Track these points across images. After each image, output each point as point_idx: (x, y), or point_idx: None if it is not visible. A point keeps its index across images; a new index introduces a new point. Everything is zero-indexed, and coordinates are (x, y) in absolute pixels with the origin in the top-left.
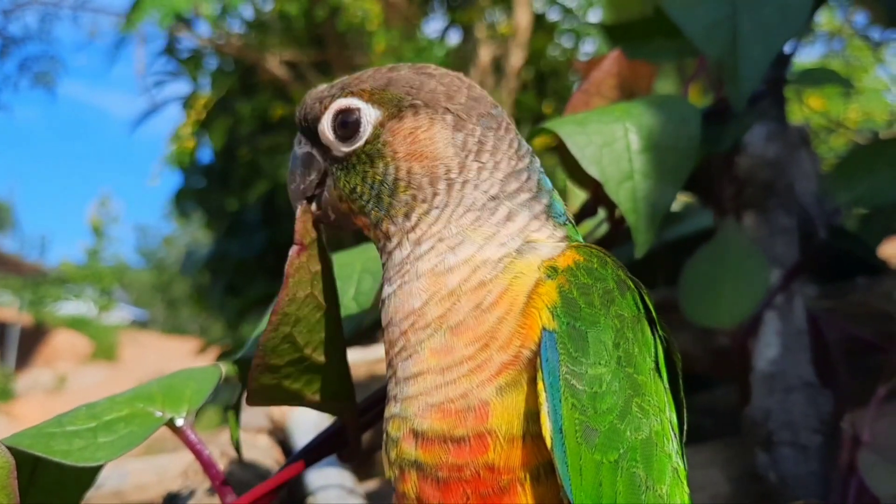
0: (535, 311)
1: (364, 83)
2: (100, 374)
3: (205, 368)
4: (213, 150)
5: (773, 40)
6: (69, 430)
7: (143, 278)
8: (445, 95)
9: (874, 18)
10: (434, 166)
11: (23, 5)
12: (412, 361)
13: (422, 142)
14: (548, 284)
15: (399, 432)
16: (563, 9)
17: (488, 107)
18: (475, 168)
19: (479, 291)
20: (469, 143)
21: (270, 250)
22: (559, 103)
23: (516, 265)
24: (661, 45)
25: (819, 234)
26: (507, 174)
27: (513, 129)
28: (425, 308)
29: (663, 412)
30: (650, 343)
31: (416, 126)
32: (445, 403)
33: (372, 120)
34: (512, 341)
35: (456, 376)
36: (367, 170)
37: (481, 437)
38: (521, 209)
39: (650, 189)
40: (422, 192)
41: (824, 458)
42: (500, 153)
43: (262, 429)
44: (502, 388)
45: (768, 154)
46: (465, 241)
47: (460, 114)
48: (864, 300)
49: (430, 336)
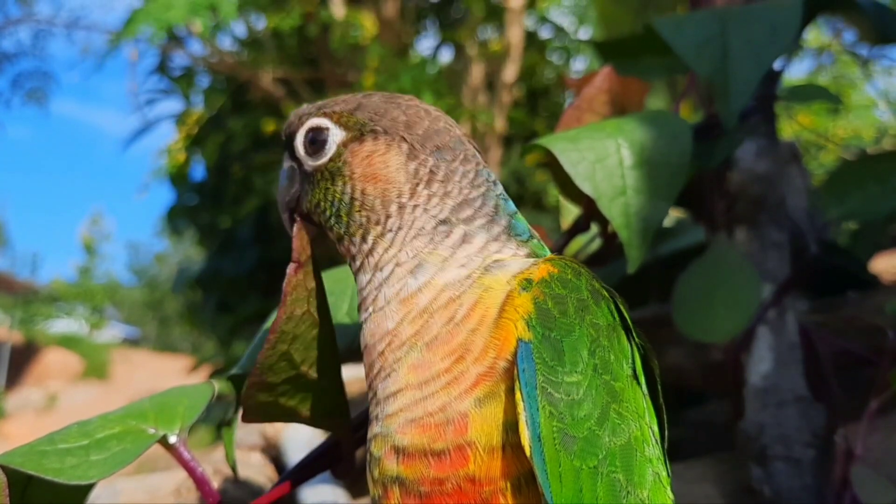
0: (510, 322)
1: (337, 105)
2: (91, 392)
3: (197, 386)
4: (206, 167)
5: (762, 57)
6: (61, 447)
7: (135, 296)
8: (405, 125)
9: (862, 35)
10: (386, 189)
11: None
12: (391, 380)
13: (376, 165)
14: (523, 296)
15: (381, 450)
16: (554, 27)
17: (447, 139)
18: (425, 195)
19: (450, 307)
20: (421, 172)
21: (262, 267)
22: (551, 120)
23: (483, 280)
24: (651, 62)
25: (810, 248)
26: (459, 203)
27: (473, 161)
28: (399, 328)
29: (642, 418)
30: (627, 351)
31: (373, 150)
32: (424, 418)
33: (337, 140)
34: (487, 352)
35: (433, 390)
36: (328, 186)
37: (461, 450)
38: (477, 231)
39: (642, 205)
40: (374, 213)
41: (818, 472)
42: (451, 183)
43: (255, 446)
44: (480, 399)
45: (759, 169)
46: (423, 263)
47: (415, 144)
48: (855, 314)
49: (407, 353)
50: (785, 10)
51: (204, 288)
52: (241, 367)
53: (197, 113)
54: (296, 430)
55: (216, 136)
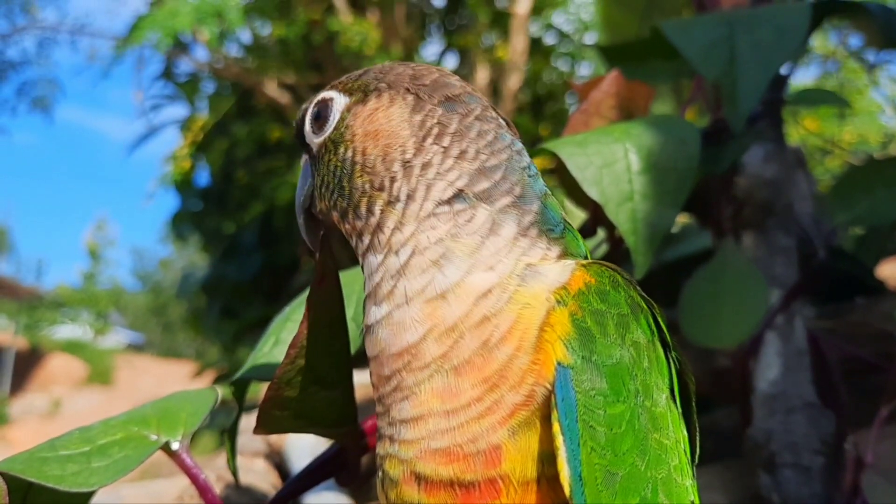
0: (549, 344)
1: (345, 78)
2: (95, 398)
3: (201, 391)
4: (211, 173)
5: (770, 61)
6: (62, 454)
7: (140, 302)
8: (411, 77)
9: (869, 41)
10: (388, 146)
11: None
12: (409, 403)
13: (378, 121)
14: (559, 312)
15: (398, 473)
16: (559, 33)
17: (460, 92)
18: (434, 151)
19: (484, 327)
20: (428, 123)
21: (267, 273)
22: (556, 126)
23: (521, 296)
24: (658, 66)
25: (818, 254)
26: (476, 169)
27: (492, 121)
28: (422, 345)
29: (679, 443)
30: (664, 368)
31: (376, 107)
32: (452, 448)
33: (340, 107)
34: (525, 380)
35: (463, 420)
36: (331, 158)
37: (493, 483)
38: (504, 219)
39: (650, 210)
40: (377, 175)
41: (827, 480)
42: (465, 140)
43: (258, 453)
44: (515, 429)
45: (766, 174)
46: (449, 254)
47: (421, 94)
48: (863, 320)
49: (430, 377)
50: (793, 13)
51: (208, 293)
52: (244, 373)
53: (202, 119)
54: (299, 436)
55: (221, 142)
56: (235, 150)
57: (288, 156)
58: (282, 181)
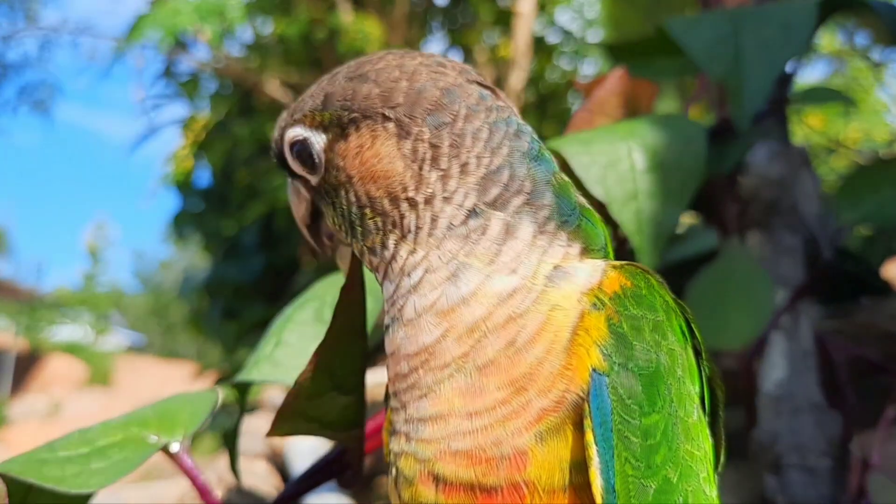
0: (583, 348)
1: (305, 105)
2: (95, 399)
3: (201, 393)
4: (212, 174)
5: (776, 58)
6: (62, 455)
7: (140, 303)
8: (381, 98)
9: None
10: (389, 185)
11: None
12: (428, 401)
13: (368, 162)
14: (595, 317)
15: (414, 473)
16: (562, 31)
17: (437, 95)
18: (435, 178)
19: (509, 327)
20: (420, 150)
21: (268, 274)
22: (559, 125)
23: (550, 296)
24: (663, 64)
25: (824, 254)
26: (482, 178)
27: (480, 111)
28: (439, 345)
29: (707, 454)
30: (696, 376)
31: (360, 145)
32: (475, 450)
33: (319, 148)
34: (555, 384)
35: (487, 422)
36: (334, 200)
37: (516, 488)
38: (520, 220)
39: (655, 209)
40: (387, 217)
41: (833, 482)
42: (463, 152)
43: (260, 454)
44: (542, 435)
45: (772, 173)
46: (463, 268)
47: (401, 117)
48: (870, 321)
49: (451, 376)
50: (799, 10)
51: (209, 294)
52: (245, 373)
53: (203, 119)
54: (301, 438)
55: (222, 141)
56: (236, 150)
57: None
58: (283, 181)
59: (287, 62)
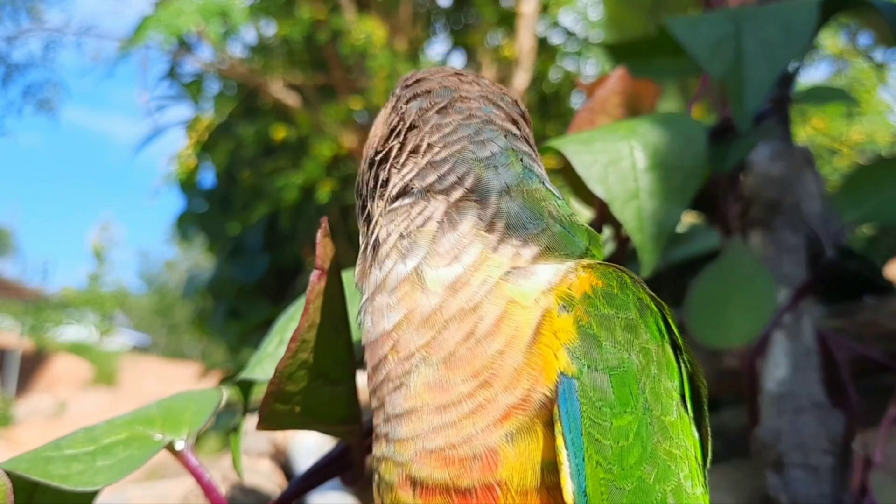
0: (549, 349)
1: None
2: (100, 399)
3: (206, 391)
4: (216, 174)
5: (777, 58)
6: (67, 453)
7: (145, 303)
8: (400, 83)
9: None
10: (368, 146)
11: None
12: (400, 395)
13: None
14: (563, 318)
15: (394, 477)
16: (565, 32)
17: (434, 87)
18: (393, 146)
19: (466, 318)
20: (393, 120)
21: (272, 274)
22: (562, 126)
23: (505, 290)
24: (665, 63)
25: (826, 253)
26: (428, 163)
27: (460, 112)
28: (400, 334)
29: (690, 451)
30: (675, 373)
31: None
32: (447, 450)
33: None
34: (519, 381)
35: (456, 417)
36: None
37: (490, 489)
38: (460, 214)
39: (656, 208)
40: (362, 177)
41: (836, 480)
42: (421, 136)
43: (264, 453)
44: (512, 434)
45: (774, 172)
46: (410, 245)
47: (400, 93)
48: (872, 320)
49: (417, 367)
50: (801, 10)
51: (214, 294)
52: (247, 372)
53: (207, 119)
54: (304, 436)
55: (226, 142)
56: (240, 151)
57: (293, 156)
58: (287, 182)
59: (291, 63)
